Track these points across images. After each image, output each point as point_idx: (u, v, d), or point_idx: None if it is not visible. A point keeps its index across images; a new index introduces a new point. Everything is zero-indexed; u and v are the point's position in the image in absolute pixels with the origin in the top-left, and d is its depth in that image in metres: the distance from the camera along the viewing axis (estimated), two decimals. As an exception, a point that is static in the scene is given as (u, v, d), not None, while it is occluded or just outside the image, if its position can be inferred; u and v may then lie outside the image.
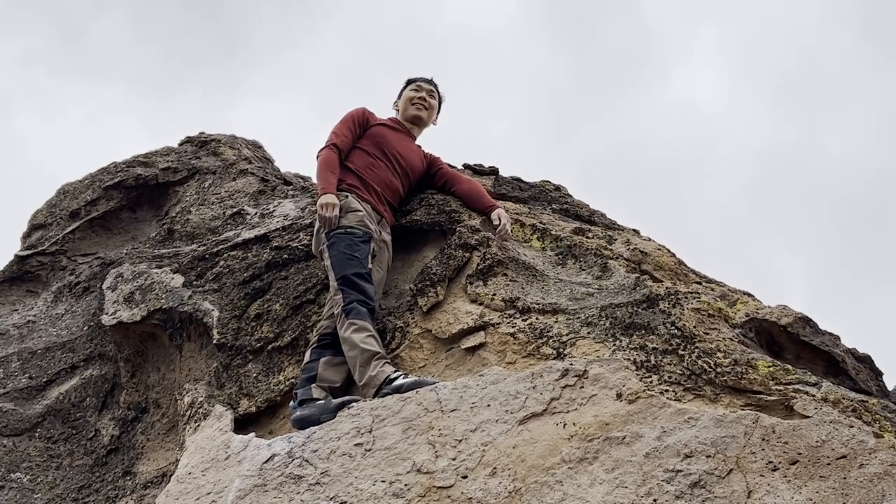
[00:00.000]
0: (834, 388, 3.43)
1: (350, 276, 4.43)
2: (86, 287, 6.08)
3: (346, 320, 4.30)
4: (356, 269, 4.47)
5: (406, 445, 3.73)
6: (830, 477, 3.06)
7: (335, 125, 4.99)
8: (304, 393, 4.27)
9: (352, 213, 4.63)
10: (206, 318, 4.93)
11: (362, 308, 4.34)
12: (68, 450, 5.24)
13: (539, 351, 3.98)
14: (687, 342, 3.72)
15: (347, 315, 4.31)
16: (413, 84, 5.30)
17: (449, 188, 5.05)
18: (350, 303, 4.34)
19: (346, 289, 4.39)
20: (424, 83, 5.29)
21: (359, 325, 4.28)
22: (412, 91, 5.25)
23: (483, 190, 5.02)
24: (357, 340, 4.23)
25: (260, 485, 3.88)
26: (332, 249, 4.54)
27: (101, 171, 6.87)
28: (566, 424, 3.55)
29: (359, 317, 4.30)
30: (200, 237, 5.86)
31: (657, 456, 3.29)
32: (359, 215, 4.63)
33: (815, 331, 3.93)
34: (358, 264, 4.49)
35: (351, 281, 4.41)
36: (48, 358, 5.71)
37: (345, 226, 4.59)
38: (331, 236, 4.58)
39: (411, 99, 5.22)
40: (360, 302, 4.35)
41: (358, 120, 5.01)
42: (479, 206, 4.87)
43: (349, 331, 4.28)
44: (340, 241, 4.55)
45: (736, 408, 3.42)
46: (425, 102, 5.21)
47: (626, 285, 4.16)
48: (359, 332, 4.26)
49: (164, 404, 5.12)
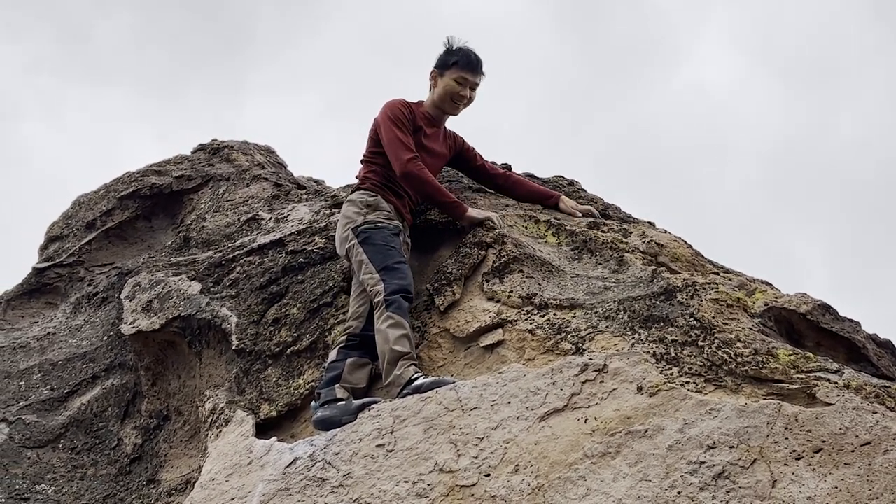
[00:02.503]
0: (856, 375, 3.41)
1: (392, 265, 4.40)
2: (104, 297, 6.11)
3: (386, 311, 4.26)
4: (396, 258, 4.45)
5: (428, 445, 3.73)
6: (855, 464, 3.04)
7: (391, 128, 4.69)
8: (328, 393, 4.25)
9: (380, 211, 4.63)
10: (225, 325, 4.94)
11: (404, 303, 4.30)
12: (92, 460, 5.27)
13: (558, 347, 3.97)
14: (706, 333, 3.71)
15: (388, 307, 4.27)
16: (459, 72, 4.82)
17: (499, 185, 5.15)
18: (393, 293, 4.30)
19: (388, 278, 4.35)
20: (471, 76, 4.84)
21: (396, 321, 4.24)
22: (457, 84, 4.81)
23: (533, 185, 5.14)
24: (391, 336, 4.20)
25: (283, 489, 3.89)
26: (365, 245, 4.51)
27: (116, 182, 6.91)
28: (587, 419, 3.54)
29: (399, 312, 4.26)
30: (216, 244, 5.88)
31: (680, 448, 3.28)
32: (387, 213, 4.63)
33: (834, 318, 3.90)
34: (397, 254, 4.47)
35: (393, 269, 4.38)
36: (69, 369, 5.74)
37: (373, 220, 4.59)
38: (359, 232, 4.55)
39: (453, 95, 4.83)
40: (403, 294, 4.31)
41: (409, 123, 4.74)
42: (541, 201, 5.02)
43: (386, 324, 4.24)
44: (374, 234, 4.53)
45: (758, 397, 3.40)
46: (466, 100, 4.88)
47: (644, 278, 4.15)
48: (394, 328, 4.22)
49: (186, 411, 5.14)
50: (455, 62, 4.83)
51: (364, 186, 4.75)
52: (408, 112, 4.78)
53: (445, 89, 4.84)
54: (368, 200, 4.66)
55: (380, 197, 4.67)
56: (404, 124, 4.72)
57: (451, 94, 4.84)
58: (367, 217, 4.60)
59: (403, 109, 4.78)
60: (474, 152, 5.14)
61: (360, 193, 4.73)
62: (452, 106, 4.89)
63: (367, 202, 4.66)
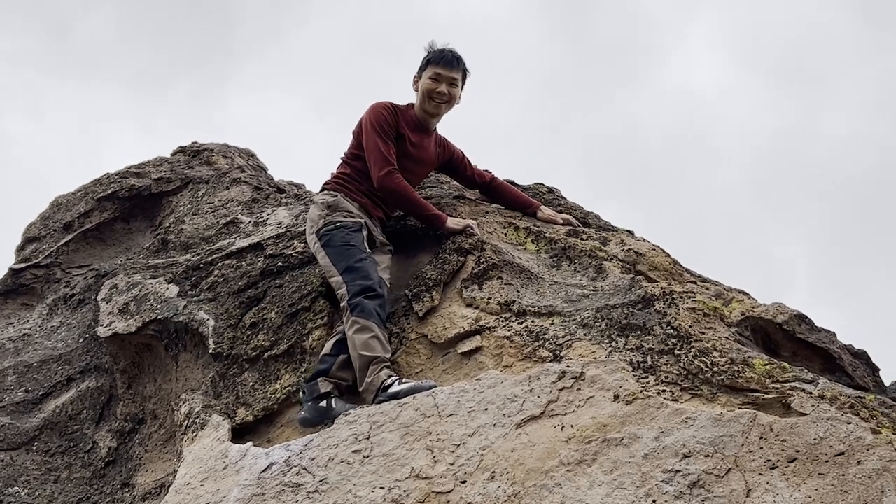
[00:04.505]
0: (831, 385, 3.43)
1: (352, 265, 4.40)
2: (81, 299, 6.07)
3: (351, 317, 4.26)
4: (356, 256, 4.45)
5: (404, 451, 3.73)
6: (829, 474, 3.06)
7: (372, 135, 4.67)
8: (311, 388, 4.24)
9: (339, 211, 4.64)
10: (202, 328, 4.92)
11: (368, 303, 4.27)
12: (66, 463, 5.22)
13: (535, 354, 3.98)
14: (683, 342, 3.72)
15: (352, 311, 4.27)
16: (433, 69, 4.78)
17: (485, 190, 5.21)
18: (355, 295, 4.30)
19: (349, 280, 4.36)
20: (445, 71, 4.77)
21: (362, 325, 4.23)
22: (431, 81, 4.77)
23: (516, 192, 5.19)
24: (358, 343, 4.20)
25: (258, 494, 3.87)
26: (326, 247, 4.53)
27: (94, 183, 6.86)
28: (564, 427, 3.54)
29: (363, 315, 4.25)
30: (194, 247, 5.85)
31: (655, 457, 3.29)
32: (348, 211, 4.64)
33: (810, 328, 3.93)
34: (356, 251, 4.47)
35: (353, 269, 4.39)
36: (44, 371, 5.69)
37: (332, 221, 4.60)
38: (321, 235, 4.58)
39: (430, 92, 4.78)
40: (366, 294, 4.29)
41: (392, 130, 4.71)
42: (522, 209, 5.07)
43: (352, 329, 4.24)
44: (333, 235, 4.55)
45: (733, 407, 3.42)
46: (445, 96, 4.80)
47: (622, 286, 4.16)
48: (361, 332, 4.22)
49: (161, 415, 5.10)
50: (429, 60, 4.82)
51: (328, 187, 4.79)
52: (392, 117, 4.75)
53: (423, 89, 4.82)
54: (329, 201, 4.69)
55: (340, 196, 4.69)
56: (386, 132, 4.70)
57: (428, 92, 4.81)
58: (327, 219, 4.63)
59: (387, 114, 4.75)
60: (465, 161, 5.16)
61: (322, 195, 4.77)
62: (433, 105, 4.84)
63: (328, 203, 4.69)
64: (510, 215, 4.94)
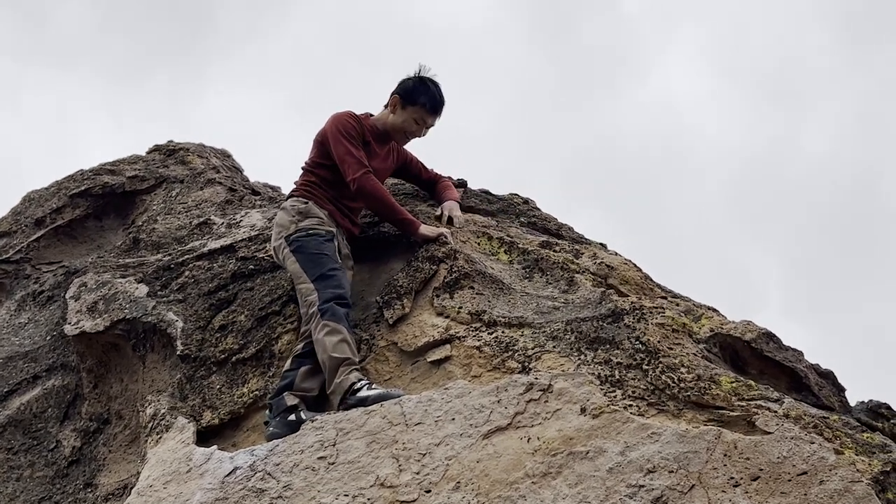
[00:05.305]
0: (796, 405, 3.45)
1: (325, 273, 4.39)
2: (50, 296, 6.02)
3: (321, 321, 4.25)
4: (329, 265, 4.43)
5: (370, 459, 3.71)
6: (791, 493, 3.08)
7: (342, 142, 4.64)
8: (278, 403, 4.22)
9: (311, 218, 4.61)
10: (170, 329, 4.88)
11: (339, 309, 4.27)
12: (29, 461, 5.17)
13: (504, 365, 3.98)
14: (651, 357, 3.73)
15: (322, 315, 4.25)
16: (421, 114, 4.81)
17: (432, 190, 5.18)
18: (326, 301, 4.28)
19: (321, 287, 4.34)
20: (431, 118, 4.85)
21: (332, 328, 4.22)
22: (415, 123, 4.82)
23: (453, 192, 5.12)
24: (328, 345, 4.19)
25: (221, 498, 3.85)
26: (297, 253, 4.51)
27: (68, 179, 6.81)
28: (530, 439, 3.54)
29: (333, 318, 4.24)
30: (166, 246, 5.81)
31: (620, 471, 3.30)
32: (318, 218, 4.62)
33: (778, 346, 3.95)
34: (329, 261, 4.46)
35: (326, 276, 4.37)
36: (10, 368, 5.63)
37: (305, 228, 4.57)
38: (292, 241, 4.55)
39: (408, 131, 4.85)
40: (337, 301, 4.29)
41: (359, 138, 4.70)
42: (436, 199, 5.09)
43: (322, 332, 4.23)
44: (306, 243, 4.52)
45: (699, 423, 3.43)
46: (418, 137, 4.93)
47: (592, 299, 4.17)
48: (331, 335, 4.21)
49: (127, 416, 5.06)
50: (422, 103, 4.80)
51: (297, 193, 4.75)
52: (357, 126, 4.75)
53: (402, 123, 4.84)
54: (300, 207, 4.66)
55: (311, 203, 4.66)
56: (355, 138, 4.70)
57: (407, 130, 4.86)
58: (298, 225, 4.60)
59: (353, 122, 4.75)
60: (418, 164, 5.18)
61: (292, 201, 4.73)
62: (403, 139, 4.94)
63: (299, 209, 4.66)
64: (484, 224, 4.94)
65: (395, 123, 4.85)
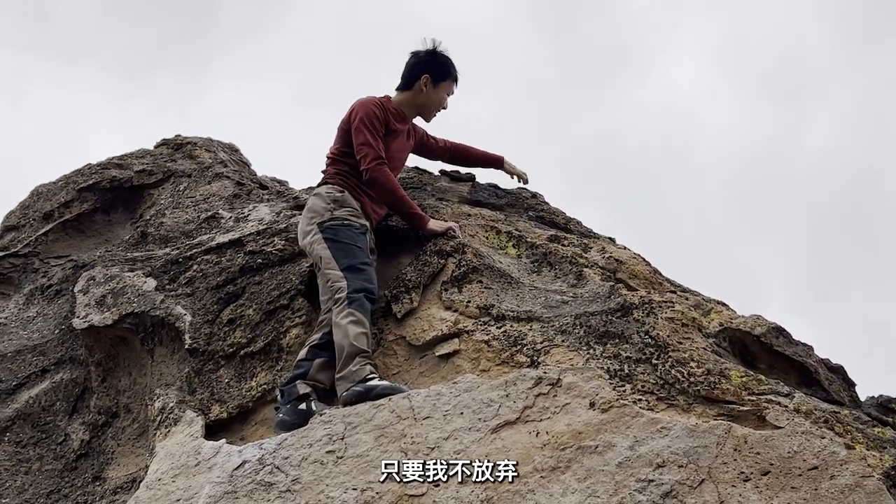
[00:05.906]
0: (806, 399, 3.43)
1: (357, 265, 4.37)
2: (58, 290, 6.03)
3: (348, 308, 4.22)
4: (362, 258, 4.42)
5: (378, 453, 3.71)
6: (802, 488, 3.06)
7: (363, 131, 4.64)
8: (290, 391, 4.22)
9: (347, 208, 4.59)
10: (179, 323, 4.88)
11: (367, 303, 4.27)
12: (38, 454, 5.18)
13: (513, 359, 3.97)
14: (660, 351, 3.72)
15: (350, 304, 4.23)
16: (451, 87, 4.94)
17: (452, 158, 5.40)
18: (357, 291, 4.26)
19: (351, 277, 4.31)
20: (456, 89, 4.98)
21: (357, 318, 4.20)
22: (446, 97, 4.94)
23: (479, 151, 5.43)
24: (351, 332, 4.17)
25: (230, 492, 3.84)
26: (329, 241, 4.46)
27: (76, 173, 6.83)
28: (539, 433, 3.53)
29: (361, 310, 4.23)
30: (174, 241, 5.81)
31: (629, 465, 3.28)
32: (353, 209, 4.60)
33: (788, 341, 3.94)
34: (362, 254, 4.45)
35: (359, 269, 4.35)
36: (18, 361, 5.64)
37: (340, 217, 4.55)
38: (325, 228, 4.51)
39: (443, 106, 4.96)
40: (366, 294, 4.28)
41: (382, 126, 4.71)
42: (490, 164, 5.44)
43: (347, 319, 4.20)
44: (339, 231, 4.49)
45: (708, 418, 3.42)
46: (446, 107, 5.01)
47: (601, 294, 4.16)
48: (356, 325, 4.19)
49: (135, 409, 5.07)
50: (453, 77, 4.92)
51: (332, 181, 4.71)
52: (381, 113, 4.74)
53: (436, 101, 4.92)
54: (336, 196, 4.63)
55: (347, 193, 4.64)
56: (377, 128, 4.69)
57: (440, 106, 4.95)
58: (334, 213, 4.57)
59: (378, 111, 4.73)
60: (430, 137, 5.25)
61: (328, 188, 4.68)
62: (431, 115, 5.00)
63: (335, 197, 4.62)
64: (492, 219, 4.93)
65: (429, 102, 4.91)
